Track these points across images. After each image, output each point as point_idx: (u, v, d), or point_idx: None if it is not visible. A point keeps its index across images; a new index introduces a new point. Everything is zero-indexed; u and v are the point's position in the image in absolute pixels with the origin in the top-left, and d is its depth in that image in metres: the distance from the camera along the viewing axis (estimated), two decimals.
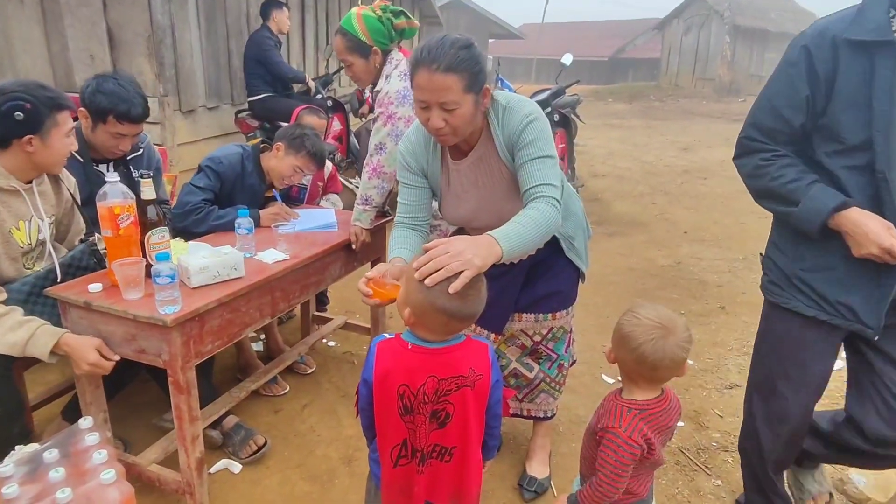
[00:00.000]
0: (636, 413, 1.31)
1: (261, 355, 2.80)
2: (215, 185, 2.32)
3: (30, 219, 1.80)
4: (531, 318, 1.90)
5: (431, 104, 1.48)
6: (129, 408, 2.29)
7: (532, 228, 1.43)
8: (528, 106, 1.60)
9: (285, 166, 2.37)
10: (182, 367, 1.62)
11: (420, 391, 1.24)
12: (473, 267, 1.20)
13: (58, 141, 1.77)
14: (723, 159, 8.74)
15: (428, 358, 1.24)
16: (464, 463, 1.31)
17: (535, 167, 1.54)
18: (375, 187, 2.23)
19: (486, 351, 1.27)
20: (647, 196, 6.70)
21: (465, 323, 1.24)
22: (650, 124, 13.31)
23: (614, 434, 1.29)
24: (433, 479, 1.32)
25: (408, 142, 1.75)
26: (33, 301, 1.75)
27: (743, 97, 18.31)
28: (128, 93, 2.02)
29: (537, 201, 1.50)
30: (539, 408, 2.05)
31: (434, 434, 1.28)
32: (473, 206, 1.71)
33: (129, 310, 1.58)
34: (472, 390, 1.25)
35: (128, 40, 4.37)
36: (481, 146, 1.64)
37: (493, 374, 1.26)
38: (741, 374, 2.85)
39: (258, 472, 2.07)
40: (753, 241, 5.04)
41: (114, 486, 1.50)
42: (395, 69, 2.16)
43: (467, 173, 1.68)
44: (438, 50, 1.43)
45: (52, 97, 1.74)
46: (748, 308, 3.67)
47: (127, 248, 1.68)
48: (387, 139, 2.15)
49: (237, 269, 1.81)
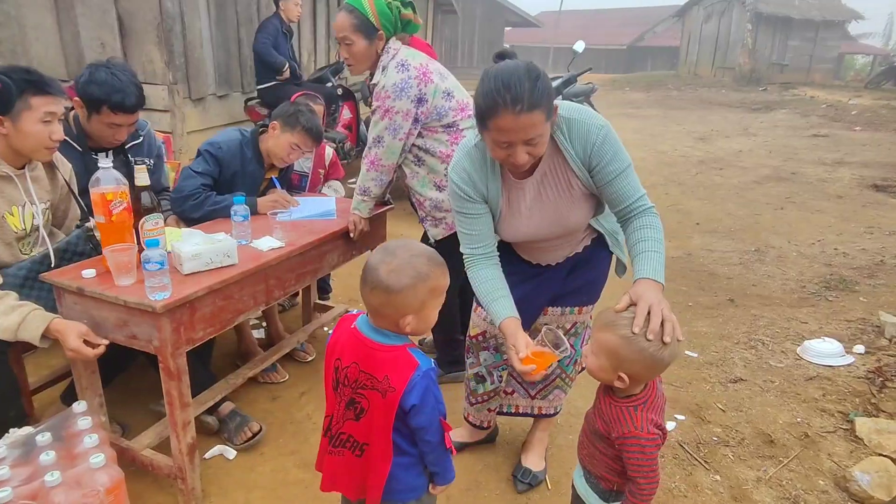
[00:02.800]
0: (641, 408, 1.29)
1: (262, 342, 2.82)
2: (213, 170, 2.32)
3: (23, 204, 1.81)
4: (557, 312, 1.88)
5: (516, 143, 1.41)
6: (129, 392, 2.32)
7: (662, 246, 1.49)
8: (594, 118, 1.55)
9: (282, 145, 2.36)
10: (172, 353, 1.62)
11: (345, 372, 1.26)
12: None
13: (30, 125, 1.74)
14: (740, 150, 8.59)
15: (358, 343, 1.25)
16: (369, 464, 1.28)
17: (624, 182, 1.53)
18: (373, 179, 2.21)
19: (411, 370, 1.20)
20: (660, 187, 6.60)
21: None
22: (667, 114, 13.11)
23: (635, 437, 1.26)
24: (342, 466, 1.33)
25: (461, 171, 1.64)
26: (29, 286, 1.77)
27: (764, 86, 17.93)
28: (121, 82, 2.00)
29: (644, 216, 1.53)
30: (551, 404, 2.02)
31: (349, 423, 1.29)
32: (536, 222, 1.66)
33: (120, 296, 1.58)
34: (382, 399, 1.21)
35: (138, 28, 4.38)
36: (546, 161, 1.58)
37: (410, 396, 1.19)
38: (747, 367, 2.80)
39: (252, 459, 2.08)
40: (767, 233, 4.95)
41: (102, 470, 1.51)
42: (392, 60, 2.09)
43: (532, 190, 1.63)
44: (518, 88, 1.34)
45: (30, 80, 1.71)
46: (758, 301, 3.61)
47: (120, 234, 1.69)
48: (384, 133, 2.11)
49: (230, 257, 1.80)
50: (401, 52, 2.10)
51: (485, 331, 1.93)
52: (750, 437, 2.28)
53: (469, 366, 2.03)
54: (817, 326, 3.19)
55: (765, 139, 9.60)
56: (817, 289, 3.78)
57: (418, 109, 2.08)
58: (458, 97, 2.18)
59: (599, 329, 1.30)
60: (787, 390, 2.60)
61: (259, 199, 2.36)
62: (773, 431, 2.30)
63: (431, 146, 2.16)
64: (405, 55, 2.09)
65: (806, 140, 9.58)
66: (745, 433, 2.31)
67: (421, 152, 2.19)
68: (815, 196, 6.22)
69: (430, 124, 2.13)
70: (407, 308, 1.20)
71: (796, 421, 2.37)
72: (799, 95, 15.66)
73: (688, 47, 23.24)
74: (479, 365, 1.98)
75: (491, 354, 1.96)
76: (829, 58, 20.83)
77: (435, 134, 2.15)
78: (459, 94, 2.19)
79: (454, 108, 2.15)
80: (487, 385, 2.00)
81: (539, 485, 2.01)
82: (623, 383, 1.26)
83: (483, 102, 1.40)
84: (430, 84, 2.07)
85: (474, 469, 2.09)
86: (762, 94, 16.56)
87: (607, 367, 1.28)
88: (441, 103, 2.12)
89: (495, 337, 1.92)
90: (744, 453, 2.20)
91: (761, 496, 1.99)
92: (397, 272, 1.18)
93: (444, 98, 2.12)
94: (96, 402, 1.88)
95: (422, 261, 1.21)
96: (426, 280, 1.20)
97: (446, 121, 2.14)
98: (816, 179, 6.92)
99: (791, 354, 2.91)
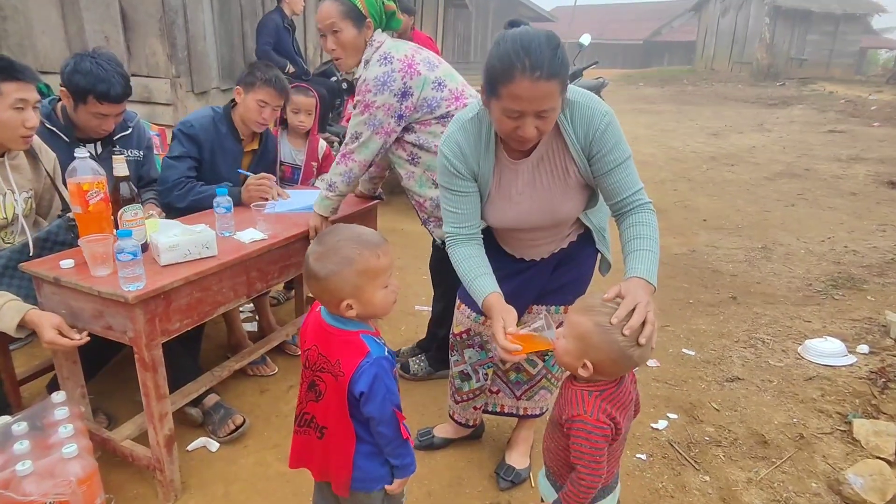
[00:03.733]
0: (596, 395, 1.26)
1: (254, 335, 2.81)
2: (191, 149, 2.32)
3: (3, 193, 1.81)
4: (542, 311, 1.82)
5: (528, 113, 1.33)
6: (116, 383, 2.32)
7: (656, 245, 1.45)
8: (599, 104, 1.49)
9: (250, 106, 2.34)
10: (147, 344, 1.61)
11: (306, 353, 1.28)
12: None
13: (1, 112, 1.72)
14: (753, 145, 8.45)
15: (318, 327, 1.27)
16: (330, 448, 1.29)
17: (623, 174, 1.50)
18: (341, 174, 2.10)
19: (360, 356, 1.19)
20: (668, 182, 6.51)
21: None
22: (681, 109, 12.94)
23: (582, 421, 1.24)
24: (306, 446, 1.35)
25: (453, 144, 1.57)
26: (10, 275, 1.77)
27: (782, 81, 17.62)
28: (106, 72, 2.00)
29: (639, 212, 1.49)
30: (536, 405, 1.99)
31: (311, 405, 1.30)
32: (526, 207, 1.59)
33: (95, 286, 1.58)
34: (335, 382, 1.22)
35: (141, 21, 4.40)
36: (545, 144, 1.52)
37: (358, 383, 1.18)
38: (745, 367, 2.74)
39: (235, 451, 2.07)
40: (776, 230, 4.86)
41: (75, 461, 1.51)
42: (376, 52, 2.01)
43: (526, 173, 1.56)
44: (538, 53, 1.26)
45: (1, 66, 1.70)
46: (761, 298, 3.54)
47: (98, 224, 1.68)
48: (363, 127, 2.02)
49: (209, 248, 1.79)
50: (385, 45, 2.02)
51: (469, 328, 1.89)
52: (743, 438, 2.23)
53: (454, 363, 1.99)
54: (821, 325, 3.12)
55: (779, 135, 9.42)
56: (824, 287, 3.69)
57: (402, 104, 1.99)
58: (451, 85, 2.07)
59: (576, 312, 1.27)
60: (784, 390, 2.53)
61: (242, 188, 2.35)
62: (768, 432, 2.25)
63: (425, 141, 2.06)
64: (388, 47, 2.00)
65: (822, 136, 9.40)
66: (738, 433, 2.25)
67: (415, 149, 2.10)
68: (828, 193, 6.09)
69: (423, 118, 2.04)
70: (340, 293, 1.19)
71: (792, 422, 2.31)
72: (817, 91, 15.37)
73: (704, 42, 22.92)
74: (463, 363, 1.95)
75: (476, 352, 1.92)
76: (849, 52, 20.43)
77: (428, 127, 2.05)
78: (452, 83, 2.07)
79: (447, 98, 2.05)
80: (473, 383, 1.97)
81: (522, 483, 1.98)
82: (587, 371, 1.23)
83: (499, 65, 1.30)
84: (416, 76, 1.98)
85: (457, 465, 2.06)
86: (779, 89, 16.28)
87: (573, 352, 1.25)
88: (431, 94, 2.02)
89: (480, 334, 1.89)
90: (736, 454, 2.15)
91: (751, 498, 1.93)
92: (322, 259, 1.18)
93: (434, 89, 2.02)
94: (77, 392, 1.88)
95: (349, 245, 1.18)
96: (352, 264, 1.17)
97: (439, 112, 2.04)
98: (830, 176, 6.78)
99: (792, 354, 2.84)
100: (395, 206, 4.80)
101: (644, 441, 2.21)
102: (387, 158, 2.22)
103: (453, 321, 1.94)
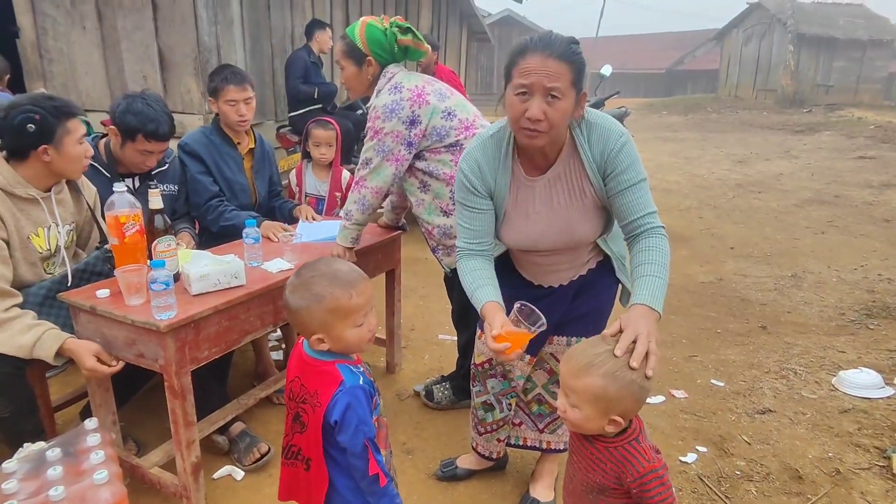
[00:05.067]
0: (641, 437, 1.21)
1: (280, 364, 2.85)
2: (196, 166, 2.48)
3: (48, 226, 1.90)
4: (563, 342, 1.80)
5: (536, 90, 1.37)
6: (147, 411, 2.37)
7: (665, 271, 1.44)
8: (616, 125, 1.53)
9: (224, 110, 2.48)
10: (177, 371, 1.66)
11: (290, 385, 1.29)
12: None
13: (71, 147, 1.86)
14: (780, 172, 8.34)
15: (300, 359, 1.28)
16: (314, 479, 1.28)
17: (636, 195, 1.51)
18: (356, 202, 2.16)
19: (334, 385, 1.19)
20: (693, 210, 6.46)
21: None
22: (705, 137, 12.87)
23: (653, 471, 1.17)
24: (294, 479, 1.34)
25: (472, 160, 1.60)
26: (49, 305, 1.84)
27: (808, 108, 17.44)
28: (155, 112, 2.12)
29: (650, 237, 1.49)
30: (560, 439, 1.95)
31: (297, 436, 1.30)
32: (543, 227, 1.61)
33: (128, 315, 1.63)
34: (313, 412, 1.22)
35: (177, 61, 4.61)
36: (562, 163, 1.55)
37: (332, 412, 1.18)
38: (777, 398, 2.67)
39: (260, 480, 2.08)
40: (805, 258, 4.77)
41: (105, 487, 1.54)
42: (388, 83, 2.10)
43: (542, 191, 1.58)
44: (550, 38, 1.38)
45: (59, 106, 1.82)
46: (793, 328, 3.45)
47: (132, 255, 1.75)
48: (372, 153, 2.09)
49: (238, 278, 1.84)
50: (397, 76, 2.10)
51: (490, 358, 1.88)
52: (776, 472, 2.16)
53: (476, 394, 1.98)
54: (856, 356, 3.03)
55: (807, 161, 9.29)
56: (857, 316, 3.59)
57: (411, 132, 2.05)
58: (462, 115, 2.12)
59: (575, 375, 1.18)
60: (819, 423, 2.46)
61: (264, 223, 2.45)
62: (802, 466, 2.18)
63: (435, 168, 2.12)
64: (400, 78, 2.09)
65: (851, 162, 9.24)
66: (770, 467, 2.18)
67: (425, 176, 2.15)
68: (860, 220, 5.96)
69: (432, 146, 2.10)
70: (310, 327, 1.21)
71: (827, 456, 2.23)
72: (845, 117, 15.16)
73: (727, 70, 22.89)
74: (486, 393, 1.94)
75: (498, 382, 1.91)
76: (877, 77, 20.17)
77: (438, 155, 2.11)
78: (463, 113, 2.13)
79: (456, 128, 2.10)
80: (496, 413, 1.95)
81: None
82: (617, 426, 1.18)
83: (512, 50, 1.40)
84: (424, 105, 2.04)
85: (480, 497, 2.04)
86: (806, 115, 16.11)
87: (594, 416, 1.17)
88: (440, 123, 2.08)
89: (502, 364, 1.88)
90: (768, 489, 2.08)
91: None
92: (295, 292, 1.21)
93: (443, 118, 2.08)
94: (109, 419, 1.92)
95: (320, 282, 1.19)
96: (321, 301, 1.18)
97: (448, 140, 2.10)
98: (861, 202, 6.64)
99: (825, 385, 2.76)
100: (418, 236, 4.81)
101: (673, 475, 2.15)
102: (401, 187, 2.28)
103: (475, 351, 1.94)
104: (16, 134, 1.77)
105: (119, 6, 4.59)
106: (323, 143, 2.85)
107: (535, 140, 1.45)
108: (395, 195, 2.49)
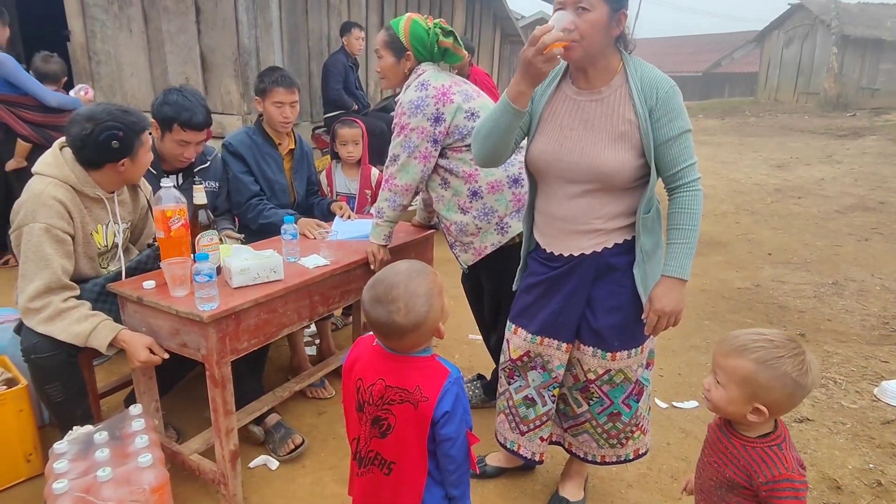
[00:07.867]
0: (785, 445, 1.18)
1: (314, 359, 2.90)
2: (239, 166, 2.55)
3: (107, 223, 1.99)
4: (589, 352, 1.77)
5: (568, 3, 1.49)
6: (187, 400, 2.45)
7: (694, 234, 1.60)
8: (664, 74, 1.61)
9: (269, 111, 2.55)
10: (218, 361, 1.71)
11: (369, 390, 1.26)
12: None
13: (144, 157, 1.96)
14: (822, 177, 8.10)
15: (383, 359, 1.26)
16: (400, 483, 1.27)
17: (684, 144, 1.58)
18: (386, 199, 2.19)
19: (443, 377, 1.21)
20: (730, 215, 6.32)
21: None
22: (743, 141, 12.58)
23: (789, 481, 1.14)
24: (371, 486, 1.31)
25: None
26: (103, 300, 1.93)
27: (852, 111, 16.88)
28: (190, 103, 2.20)
29: (686, 193, 1.60)
30: (580, 447, 1.91)
31: (374, 441, 1.27)
32: (570, 144, 1.64)
33: (173, 305, 1.70)
34: (415, 410, 1.21)
35: (217, 63, 4.74)
36: (612, 88, 1.62)
37: (442, 403, 1.19)
38: (815, 407, 2.60)
39: (294, 471, 2.13)
40: (847, 266, 4.63)
41: (149, 470, 1.61)
42: (416, 80, 2.13)
43: (585, 108, 1.64)
44: None
45: (136, 122, 1.91)
46: (833, 336, 3.36)
47: (177, 248, 1.82)
48: (399, 149, 2.12)
49: (276, 272, 1.89)
50: (425, 74, 2.14)
51: (528, 350, 1.84)
52: (814, 482, 2.11)
53: (516, 390, 1.91)
54: None
55: (850, 166, 9.00)
56: None
57: (435, 129, 2.08)
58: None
59: (727, 355, 1.18)
60: (859, 433, 2.39)
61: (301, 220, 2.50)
62: (841, 477, 2.12)
63: (455, 166, 2.15)
64: (428, 76, 2.12)
65: None
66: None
67: (446, 173, 2.18)
68: None
69: (454, 144, 2.13)
70: (435, 324, 1.23)
71: (868, 467, 2.17)
72: (892, 121, 14.62)
73: (767, 72, 22.31)
74: (528, 386, 1.87)
75: (539, 374, 1.84)
76: None
77: (459, 153, 2.14)
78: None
79: None
80: (539, 408, 1.88)
81: None
82: (760, 416, 1.15)
83: None
84: (448, 104, 2.08)
85: (510, 496, 2.05)
86: (850, 119, 15.60)
87: (738, 399, 1.15)
88: (463, 122, 2.11)
89: (540, 355, 1.83)
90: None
91: None
92: (408, 310, 1.18)
93: (465, 118, 2.11)
94: (152, 406, 2.00)
95: (417, 280, 1.21)
96: (432, 295, 1.21)
97: (470, 140, 2.07)
98: None
99: (867, 395, 2.69)
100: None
101: None
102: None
103: (510, 347, 1.90)
104: (100, 150, 1.84)
105: (164, 10, 4.75)
106: (349, 141, 2.90)
107: (570, 52, 1.51)
108: (426, 193, 2.51)
